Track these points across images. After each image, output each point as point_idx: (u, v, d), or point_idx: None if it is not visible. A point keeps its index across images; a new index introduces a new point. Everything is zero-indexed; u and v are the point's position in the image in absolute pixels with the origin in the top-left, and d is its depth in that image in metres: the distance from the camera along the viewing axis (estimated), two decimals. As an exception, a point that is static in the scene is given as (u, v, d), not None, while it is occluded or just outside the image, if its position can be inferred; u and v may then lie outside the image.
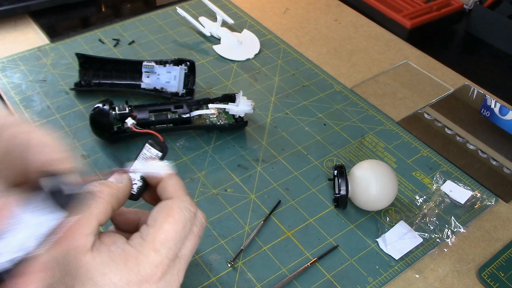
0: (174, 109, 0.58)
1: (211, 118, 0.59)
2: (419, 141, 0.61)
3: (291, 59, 0.72)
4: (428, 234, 0.51)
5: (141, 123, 0.56)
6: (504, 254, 0.50)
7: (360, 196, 0.50)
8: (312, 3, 0.84)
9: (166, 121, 0.57)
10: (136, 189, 0.39)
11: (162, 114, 0.58)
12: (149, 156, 0.39)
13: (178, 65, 0.63)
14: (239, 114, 0.59)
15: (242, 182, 0.55)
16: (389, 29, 0.79)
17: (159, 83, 0.63)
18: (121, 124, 0.56)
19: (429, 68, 0.71)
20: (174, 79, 0.63)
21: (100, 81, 0.64)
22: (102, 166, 0.56)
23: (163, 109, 0.58)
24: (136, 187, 0.39)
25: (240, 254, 0.48)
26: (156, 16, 0.78)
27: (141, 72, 0.63)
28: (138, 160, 0.39)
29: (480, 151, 0.60)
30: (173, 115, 0.58)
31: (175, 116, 0.58)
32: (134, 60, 0.64)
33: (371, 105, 0.65)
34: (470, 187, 0.55)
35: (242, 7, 0.81)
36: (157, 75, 0.63)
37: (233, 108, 0.58)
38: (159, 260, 0.33)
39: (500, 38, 0.78)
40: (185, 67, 0.63)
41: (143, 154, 0.39)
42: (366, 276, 0.47)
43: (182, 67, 0.63)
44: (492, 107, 0.63)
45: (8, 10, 0.74)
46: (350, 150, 0.59)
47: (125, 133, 0.56)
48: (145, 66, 0.62)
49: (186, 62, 0.63)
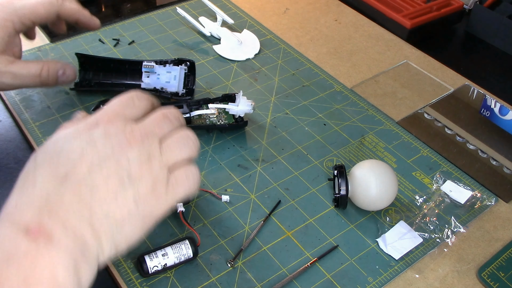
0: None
1: (211, 118, 0.59)
2: (419, 141, 0.61)
3: (291, 59, 0.72)
4: (428, 234, 0.51)
5: None
6: (504, 254, 0.50)
7: (360, 196, 0.50)
8: (312, 3, 0.84)
9: None
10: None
11: None
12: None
13: (178, 65, 0.63)
14: (239, 114, 0.59)
15: (242, 182, 0.55)
16: (389, 29, 0.79)
17: (159, 83, 0.63)
18: None
19: (429, 68, 0.71)
20: (174, 79, 0.63)
21: (101, 81, 0.64)
22: (102, 166, 0.55)
23: None
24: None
25: (240, 254, 0.48)
26: (156, 16, 0.78)
27: (141, 72, 0.63)
28: None
29: (480, 151, 0.60)
30: None
31: None
32: (134, 60, 0.64)
33: (371, 105, 0.65)
34: (470, 187, 0.55)
35: (242, 7, 0.81)
36: (157, 75, 0.63)
37: (233, 108, 0.58)
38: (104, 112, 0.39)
39: (500, 38, 0.78)
40: (185, 67, 0.63)
41: None
42: (366, 276, 0.47)
43: (182, 67, 0.63)
44: (492, 107, 0.63)
45: (8, 10, 0.74)
46: (350, 150, 0.59)
47: None
48: (145, 66, 0.62)
49: (186, 62, 0.63)
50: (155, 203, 0.37)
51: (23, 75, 0.53)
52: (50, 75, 0.55)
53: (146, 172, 0.37)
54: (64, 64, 0.56)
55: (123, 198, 0.36)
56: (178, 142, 0.40)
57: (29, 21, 0.54)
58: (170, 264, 0.46)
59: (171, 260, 0.46)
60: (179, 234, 0.49)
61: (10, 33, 0.53)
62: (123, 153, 0.37)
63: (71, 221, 0.34)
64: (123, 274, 0.46)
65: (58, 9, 0.55)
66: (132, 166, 0.37)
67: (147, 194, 0.37)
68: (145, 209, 0.37)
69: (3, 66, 0.52)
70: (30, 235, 0.32)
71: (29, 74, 0.54)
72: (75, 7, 0.57)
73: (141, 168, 0.37)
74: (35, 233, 0.32)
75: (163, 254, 0.45)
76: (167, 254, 0.46)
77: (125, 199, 0.36)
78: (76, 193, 0.35)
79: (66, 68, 0.56)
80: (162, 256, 0.45)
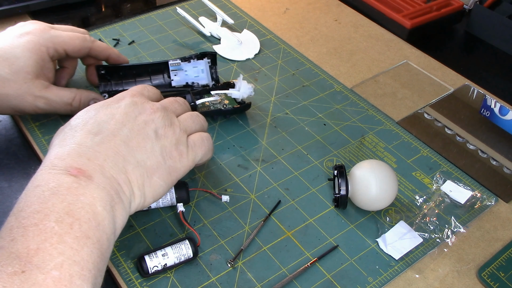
0: None
1: (215, 105, 0.60)
2: (419, 141, 0.61)
3: (291, 59, 0.72)
4: (428, 234, 0.51)
5: None
6: (504, 254, 0.50)
7: (360, 196, 0.50)
8: (312, 3, 0.84)
9: None
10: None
11: None
12: None
13: (202, 59, 0.64)
14: (242, 97, 0.61)
15: (242, 182, 0.55)
16: (389, 29, 0.79)
17: (189, 79, 0.64)
18: None
19: (429, 68, 0.71)
20: (202, 72, 0.65)
21: (124, 88, 0.62)
22: (102, 166, 0.56)
23: None
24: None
25: (240, 254, 0.48)
26: (156, 16, 0.78)
27: (163, 71, 0.64)
28: None
29: (480, 151, 0.60)
30: None
31: None
32: (156, 62, 0.64)
33: (371, 105, 0.65)
34: (470, 187, 0.55)
35: (242, 7, 0.81)
36: (185, 72, 0.64)
37: (235, 92, 0.60)
38: (126, 91, 0.47)
39: (500, 38, 0.78)
40: (209, 60, 0.64)
41: None
42: (366, 276, 0.47)
43: (206, 60, 0.64)
44: (492, 107, 0.63)
45: (8, 10, 0.74)
46: (350, 150, 0.59)
47: None
48: (172, 64, 0.63)
49: (208, 55, 0.64)
50: (178, 159, 0.44)
51: (56, 102, 0.55)
52: (82, 105, 0.56)
53: (169, 133, 0.44)
54: (96, 94, 0.59)
55: (152, 150, 0.42)
56: (190, 117, 0.48)
57: (63, 49, 0.56)
58: (170, 264, 0.46)
59: (171, 260, 0.46)
60: (179, 234, 0.49)
61: (44, 58, 0.55)
62: (149, 116, 0.44)
63: (107, 167, 0.39)
64: (123, 274, 0.46)
65: (91, 45, 0.59)
66: (158, 126, 0.44)
67: (172, 151, 0.44)
68: (170, 164, 0.43)
69: (38, 90, 0.54)
70: (72, 174, 0.37)
71: (61, 101, 0.56)
72: (105, 45, 0.61)
73: (165, 129, 0.44)
74: (76, 173, 0.37)
75: (163, 254, 0.45)
76: (167, 254, 0.46)
77: (154, 152, 0.42)
78: (111, 144, 0.40)
79: (98, 99, 0.59)
80: (162, 256, 0.45)
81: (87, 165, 0.38)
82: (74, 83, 0.65)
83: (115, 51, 0.61)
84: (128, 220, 0.50)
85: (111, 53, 0.61)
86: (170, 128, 0.44)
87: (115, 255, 0.47)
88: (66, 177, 0.37)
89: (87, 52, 0.59)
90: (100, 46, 0.60)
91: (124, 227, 0.40)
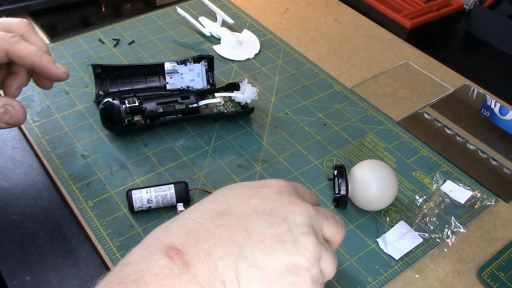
0: (181, 100, 0.59)
1: (218, 107, 0.60)
2: (419, 141, 0.61)
3: (291, 59, 0.72)
4: (428, 234, 0.51)
5: (150, 115, 0.57)
6: (504, 254, 0.50)
7: (360, 196, 0.50)
8: (312, 3, 0.84)
9: (175, 112, 0.58)
10: None
11: (170, 106, 0.58)
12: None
13: (199, 62, 0.63)
14: (246, 101, 0.60)
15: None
16: (389, 29, 0.79)
17: (184, 82, 0.63)
18: (131, 117, 0.57)
19: (429, 68, 0.71)
20: (198, 76, 0.64)
21: (120, 89, 0.63)
22: (102, 166, 0.56)
23: (170, 100, 0.59)
24: None
25: (240, 254, 0.48)
26: (156, 16, 0.78)
27: (159, 73, 0.63)
28: None
29: (480, 151, 0.60)
30: (180, 106, 0.59)
31: (182, 106, 0.58)
32: (153, 63, 0.63)
33: (371, 105, 0.65)
34: (470, 187, 0.55)
35: (242, 7, 0.81)
36: (180, 75, 0.63)
37: (239, 96, 0.59)
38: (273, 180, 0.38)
39: (500, 38, 0.78)
40: (205, 63, 0.64)
41: None
42: (366, 276, 0.47)
43: (203, 64, 0.64)
44: (492, 107, 0.63)
45: (8, 10, 0.74)
46: (350, 150, 0.59)
47: (135, 125, 0.57)
48: (168, 67, 0.62)
49: (205, 58, 0.64)
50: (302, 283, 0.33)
51: None
52: None
53: (310, 245, 0.34)
54: (8, 100, 0.44)
55: (278, 257, 0.32)
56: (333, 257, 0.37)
57: None
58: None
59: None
60: (179, 234, 0.49)
61: None
62: (292, 213, 0.34)
63: (215, 254, 0.31)
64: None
65: (7, 48, 0.43)
66: (298, 230, 0.34)
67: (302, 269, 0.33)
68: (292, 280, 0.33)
69: None
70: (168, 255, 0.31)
71: None
72: (30, 50, 0.44)
73: (307, 237, 0.34)
74: (174, 255, 0.31)
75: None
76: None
77: (279, 260, 0.32)
78: (230, 229, 0.33)
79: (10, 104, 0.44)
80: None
81: (191, 247, 0.31)
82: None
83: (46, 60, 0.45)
84: (128, 220, 0.50)
85: (36, 61, 0.44)
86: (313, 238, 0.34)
87: (115, 255, 0.47)
88: (160, 258, 0.31)
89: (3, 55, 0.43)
90: (22, 50, 0.43)
91: (124, 227, 0.40)
